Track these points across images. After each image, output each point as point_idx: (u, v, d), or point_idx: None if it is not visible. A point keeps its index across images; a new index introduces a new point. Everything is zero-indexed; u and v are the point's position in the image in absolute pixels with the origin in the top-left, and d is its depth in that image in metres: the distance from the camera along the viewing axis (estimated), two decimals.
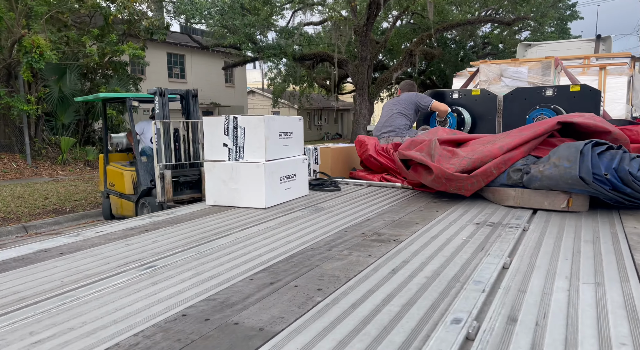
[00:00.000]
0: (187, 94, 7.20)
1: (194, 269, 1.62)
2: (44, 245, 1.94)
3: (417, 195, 2.70)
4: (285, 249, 1.88)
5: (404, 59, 20.19)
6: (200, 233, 2.10)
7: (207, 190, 2.61)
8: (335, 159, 3.65)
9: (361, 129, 19.95)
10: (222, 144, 2.57)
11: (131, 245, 1.97)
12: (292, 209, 2.48)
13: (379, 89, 20.52)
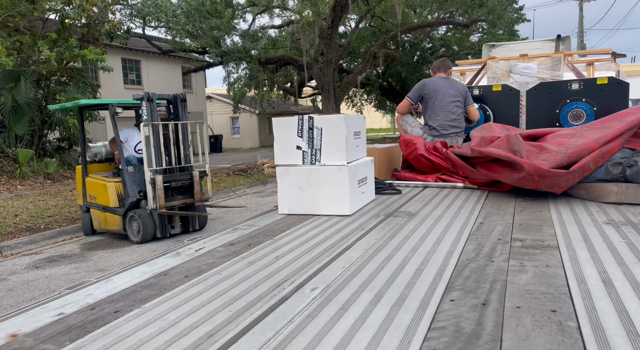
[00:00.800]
0: (175, 98, 6.87)
1: (373, 290, 1.35)
2: (154, 269, 1.69)
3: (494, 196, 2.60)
4: (438, 260, 1.62)
5: (368, 61, 20.39)
6: (321, 245, 1.85)
7: (280, 197, 2.41)
8: (380, 160, 3.53)
9: None
10: (295, 147, 2.38)
11: (255, 263, 1.73)
12: (379, 215, 2.30)
13: (345, 92, 20.58)
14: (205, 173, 7.02)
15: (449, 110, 3.86)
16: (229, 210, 8.87)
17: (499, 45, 15.34)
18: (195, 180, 6.84)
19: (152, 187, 6.32)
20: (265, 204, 9.43)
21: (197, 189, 6.86)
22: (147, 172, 6.28)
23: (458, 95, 3.85)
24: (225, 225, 7.71)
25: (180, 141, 6.77)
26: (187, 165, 6.86)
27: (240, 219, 8.42)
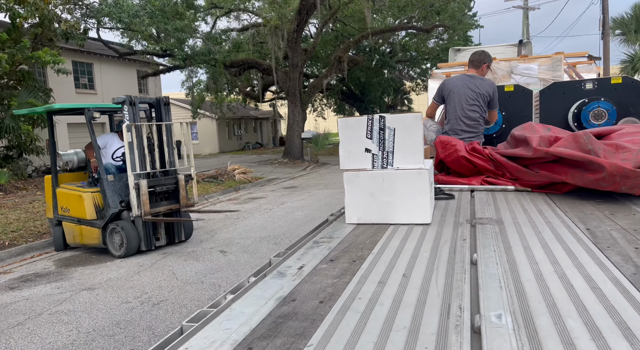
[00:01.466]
0: (158, 102, 6.47)
1: (572, 315, 1.12)
2: (271, 293, 1.41)
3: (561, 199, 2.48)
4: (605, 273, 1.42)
5: (333, 65, 20.39)
6: (439, 259, 1.60)
7: (348, 205, 2.20)
8: None
9: (295, 137, 19.73)
10: (364, 150, 2.19)
11: (386, 284, 1.44)
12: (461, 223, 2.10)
13: (310, 96, 20.46)
14: (191, 177, 6.66)
15: (464, 114, 3.70)
16: (209, 218, 8.48)
17: (464, 50, 15.70)
18: (180, 185, 6.47)
19: (136, 192, 5.91)
20: (247, 211, 9.11)
21: (183, 194, 6.49)
22: (130, 177, 5.87)
23: (477, 98, 3.69)
24: (209, 235, 7.39)
25: (164, 144, 6.39)
26: (171, 169, 6.49)
27: (221, 226, 8.14)
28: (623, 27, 19.12)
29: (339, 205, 8.96)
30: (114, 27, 16.01)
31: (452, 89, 3.79)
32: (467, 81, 3.79)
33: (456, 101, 3.74)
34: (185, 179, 6.55)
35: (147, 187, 5.99)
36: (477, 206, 2.41)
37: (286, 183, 13.85)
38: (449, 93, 3.80)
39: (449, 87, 3.80)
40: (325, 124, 47.00)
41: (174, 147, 6.53)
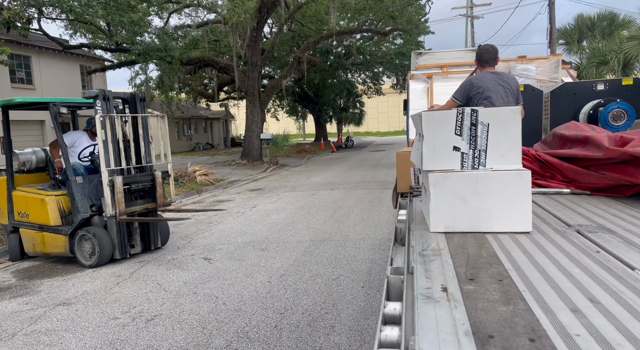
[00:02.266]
0: (134, 97, 5.96)
1: None
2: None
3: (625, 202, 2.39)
4: None
5: (292, 65, 20.13)
6: (590, 278, 1.40)
7: (434, 211, 1.96)
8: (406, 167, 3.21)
9: (254, 138, 19.26)
10: (452, 148, 1.97)
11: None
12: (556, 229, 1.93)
13: (269, 96, 20.06)
14: (168, 174, 6.18)
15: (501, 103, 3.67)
16: (182, 221, 7.96)
17: (426, 53, 15.98)
18: (157, 182, 5.98)
19: (110, 190, 5.37)
20: (219, 215, 8.65)
21: (160, 192, 6.00)
22: (104, 173, 5.33)
23: (509, 94, 3.64)
24: (185, 241, 6.89)
25: (140, 138, 5.87)
26: (147, 166, 5.99)
27: (195, 231, 7.64)
28: (567, 37, 20.27)
29: (315, 208, 8.68)
30: (58, 17, 14.82)
31: (485, 88, 3.67)
32: (497, 79, 3.70)
33: (494, 100, 3.64)
34: (162, 176, 6.06)
35: (122, 184, 5.46)
36: (552, 210, 2.27)
37: (250, 185, 13.42)
38: (481, 92, 3.68)
39: (480, 85, 3.69)
40: (278, 125, 46.54)
41: (150, 141, 6.04)
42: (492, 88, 3.66)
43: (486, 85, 3.67)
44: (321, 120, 36.03)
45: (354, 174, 14.70)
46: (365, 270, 4.84)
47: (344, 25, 24.41)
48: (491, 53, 3.95)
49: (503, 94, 3.65)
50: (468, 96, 3.74)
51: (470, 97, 3.74)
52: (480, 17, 38.74)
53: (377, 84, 34.62)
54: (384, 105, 58.58)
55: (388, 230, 6.66)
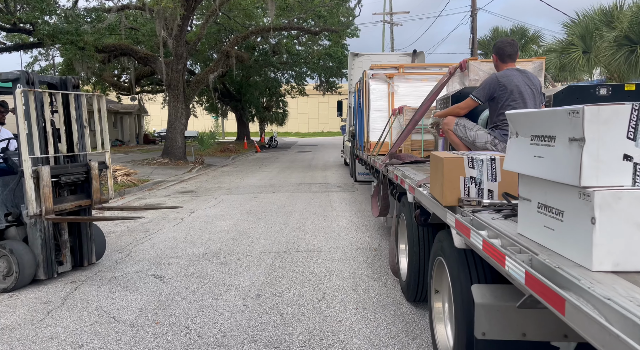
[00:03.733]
0: (64, 83, 4.92)
1: None
2: None
3: None
4: None
5: (220, 60, 19.09)
6: None
7: (600, 243, 1.49)
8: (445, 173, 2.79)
9: (178, 135, 17.96)
10: (622, 157, 1.53)
11: None
12: None
13: (194, 91, 18.83)
14: (106, 165, 5.22)
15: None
16: (108, 230, 6.89)
17: (362, 55, 15.90)
18: (93, 175, 5.01)
19: (34, 183, 4.34)
20: (152, 221, 7.66)
21: (96, 186, 5.04)
22: (27, 162, 4.30)
23: (536, 95, 3.42)
24: (123, 254, 5.87)
25: (73, 122, 4.88)
26: (81, 154, 5.01)
27: (131, 241, 6.60)
28: (484, 47, 21.48)
29: (264, 214, 8.04)
30: None
31: (514, 86, 3.37)
32: (522, 77, 3.43)
33: (526, 100, 3.35)
34: (99, 168, 5.10)
35: (50, 176, 4.45)
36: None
37: (178, 187, 12.33)
38: (509, 91, 3.37)
39: (507, 83, 3.38)
40: (194, 122, 44.38)
41: (85, 125, 5.05)
42: (522, 88, 3.39)
43: (515, 84, 3.39)
44: (244, 119, 34.97)
45: (291, 175, 14.17)
46: (350, 287, 4.36)
47: (268, 22, 23.73)
48: (514, 47, 3.67)
49: (531, 94, 3.40)
50: (492, 95, 3.43)
51: (494, 97, 3.42)
52: (399, 24, 40.22)
53: (301, 84, 34.33)
54: (304, 106, 58.63)
55: (352, 238, 6.25)
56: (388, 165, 4.98)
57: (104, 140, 5.24)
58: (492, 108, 3.50)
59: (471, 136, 3.47)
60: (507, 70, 3.47)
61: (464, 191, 2.47)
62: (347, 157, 15.36)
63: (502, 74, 3.45)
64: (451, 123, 3.62)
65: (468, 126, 3.53)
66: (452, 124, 3.59)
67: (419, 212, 3.49)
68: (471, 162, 2.44)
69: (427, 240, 3.57)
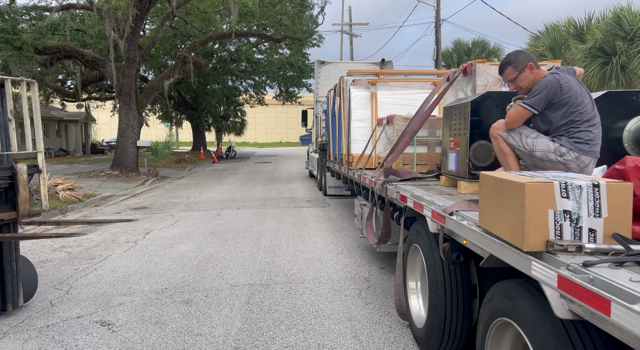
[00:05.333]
0: None
1: None
2: None
3: None
4: None
5: (176, 65, 17.94)
6: None
7: None
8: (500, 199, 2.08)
9: (129, 145, 16.62)
10: None
11: None
12: None
13: (148, 98, 17.55)
14: (38, 169, 4.20)
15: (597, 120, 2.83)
16: (43, 258, 5.77)
17: (328, 63, 15.31)
18: (20, 180, 3.98)
19: None
20: (99, 245, 6.57)
21: (25, 196, 4.00)
22: None
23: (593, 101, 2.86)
24: (61, 291, 4.76)
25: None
26: (4, 155, 3.98)
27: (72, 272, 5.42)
28: (447, 59, 21.50)
29: (231, 235, 7.12)
30: None
31: (577, 92, 2.75)
32: (577, 81, 2.83)
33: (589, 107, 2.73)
34: (29, 172, 4.08)
35: None
36: None
37: (130, 202, 11.13)
38: (573, 97, 2.73)
39: (570, 87, 2.75)
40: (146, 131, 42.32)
41: (9, 118, 4.04)
42: (582, 92, 2.80)
43: (578, 89, 2.78)
44: (200, 128, 33.58)
45: (254, 189, 13.25)
46: (349, 334, 3.57)
47: (227, 28, 22.76)
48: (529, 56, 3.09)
49: (592, 100, 2.79)
50: (551, 102, 2.78)
51: (554, 103, 2.78)
52: (359, 35, 40.29)
53: (260, 94, 33.39)
54: (262, 116, 57.64)
55: (336, 264, 5.47)
56: (386, 183, 4.25)
57: (36, 138, 4.24)
58: (550, 116, 2.84)
59: (528, 145, 2.82)
60: (563, 73, 2.84)
61: (555, 231, 1.75)
62: (313, 169, 14.63)
63: (562, 77, 2.81)
64: (501, 128, 2.97)
65: (524, 132, 2.87)
66: (503, 129, 2.95)
67: (449, 247, 2.77)
68: (565, 189, 1.73)
69: (461, 283, 2.86)
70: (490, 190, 2.11)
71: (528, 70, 2.99)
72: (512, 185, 1.87)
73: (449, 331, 2.89)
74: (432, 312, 2.98)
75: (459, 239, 2.63)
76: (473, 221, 2.40)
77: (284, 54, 28.27)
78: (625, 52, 10.61)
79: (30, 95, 4.23)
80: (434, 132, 5.37)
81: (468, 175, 3.46)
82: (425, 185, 4.11)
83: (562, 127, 2.78)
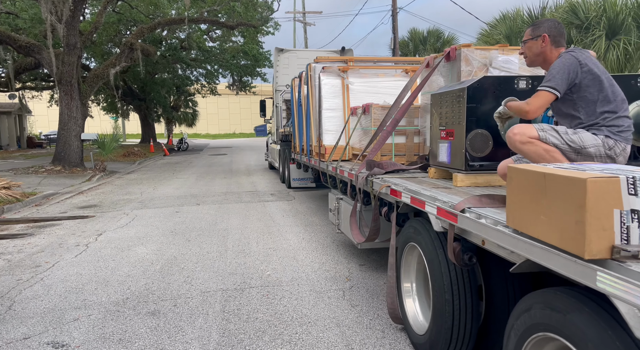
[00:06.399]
0: None
1: None
2: None
3: None
4: None
5: (123, 52, 16.84)
6: None
7: None
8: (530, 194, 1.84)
9: (72, 138, 15.47)
10: None
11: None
12: None
13: (92, 87, 16.37)
14: None
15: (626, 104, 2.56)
16: None
17: (287, 51, 14.87)
18: None
19: None
20: (44, 250, 5.91)
21: None
22: None
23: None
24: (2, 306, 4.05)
25: None
26: None
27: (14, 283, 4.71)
28: (404, 48, 21.53)
29: (194, 234, 6.70)
30: None
31: (598, 70, 2.50)
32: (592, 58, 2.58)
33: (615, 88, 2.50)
34: None
35: None
36: None
37: (76, 200, 10.28)
38: (597, 76, 2.48)
39: (592, 66, 2.49)
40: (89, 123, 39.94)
41: None
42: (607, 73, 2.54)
43: (600, 69, 2.52)
44: (149, 119, 32.10)
45: (212, 182, 12.65)
46: (340, 342, 3.27)
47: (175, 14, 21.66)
48: (561, 28, 2.80)
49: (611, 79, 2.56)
50: (572, 81, 2.49)
51: (576, 84, 2.50)
52: (312, 24, 39.79)
53: (212, 83, 32.27)
54: (214, 106, 56.06)
55: (313, 262, 5.16)
56: (371, 176, 3.96)
57: None
58: (578, 103, 2.53)
59: (577, 141, 2.44)
60: (572, 52, 2.57)
61: (622, 234, 1.50)
62: (274, 160, 14.19)
63: (581, 55, 2.54)
64: (529, 131, 2.53)
65: (560, 129, 2.50)
66: (533, 131, 2.51)
67: (459, 248, 2.50)
68: (633, 185, 1.48)
69: (469, 285, 2.61)
70: (524, 186, 1.85)
71: (540, 40, 2.72)
72: (564, 181, 1.60)
73: (456, 338, 2.65)
74: (438, 318, 2.72)
75: (473, 239, 2.37)
76: (495, 220, 2.14)
77: (237, 42, 27.39)
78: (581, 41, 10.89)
79: None
80: (412, 121, 5.13)
81: (465, 167, 3.22)
82: (413, 177, 3.85)
83: (597, 115, 2.50)
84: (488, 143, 3.21)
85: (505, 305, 2.56)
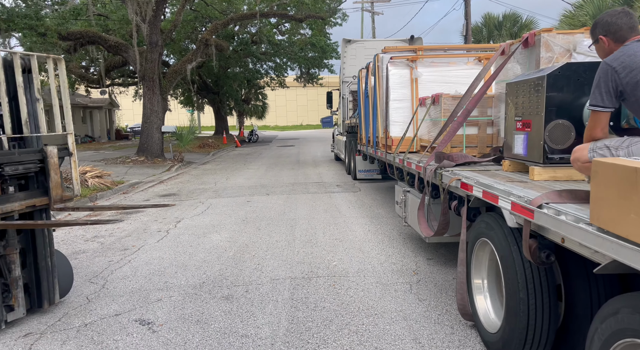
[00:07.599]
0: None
1: None
2: None
3: None
4: None
5: (199, 48, 17.63)
6: None
7: None
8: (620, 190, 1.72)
9: (154, 130, 16.50)
10: None
11: None
12: None
13: (171, 82, 17.34)
14: (69, 151, 3.97)
15: None
16: (76, 249, 5.60)
17: (355, 42, 14.73)
18: (51, 164, 3.76)
19: None
20: (131, 235, 6.40)
21: (56, 180, 3.78)
22: None
23: None
24: (96, 285, 4.55)
25: (20, 94, 3.61)
26: (32, 137, 3.76)
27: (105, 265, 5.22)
28: (477, 34, 20.62)
29: (263, 223, 6.80)
30: None
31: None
32: None
33: None
34: (60, 155, 3.85)
35: None
36: None
37: (158, 189, 11.00)
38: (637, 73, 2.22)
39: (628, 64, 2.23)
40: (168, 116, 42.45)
41: (37, 97, 3.81)
42: None
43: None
44: (222, 113, 33.42)
45: (280, 173, 12.98)
46: (407, 336, 3.26)
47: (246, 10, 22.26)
48: (630, 16, 2.52)
49: None
50: (616, 90, 2.26)
51: (621, 91, 2.27)
52: (380, 13, 39.16)
53: (281, 76, 32.89)
54: (282, 98, 57.18)
55: (379, 254, 5.15)
56: (440, 168, 3.88)
57: (66, 119, 4.00)
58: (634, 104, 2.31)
59: (624, 156, 2.28)
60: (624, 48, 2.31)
61: None
62: (340, 152, 14.25)
63: (614, 56, 2.28)
64: (582, 156, 2.36)
65: (612, 144, 2.32)
66: (584, 155, 2.34)
67: (536, 245, 2.40)
68: None
69: (546, 284, 2.50)
70: (611, 181, 1.73)
71: (601, 43, 2.49)
72: None
73: (532, 338, 2.55)
74: (511, 316, 2.63)
75: (552, 236, 2.26)
76: (576, 217, 2.02)
77: (305, 34, 27.66)
78: None
79: (58, 73, 3.96)
80: (484, 112, 4.93)
81: (543, 160, 3.06)
82: (485, 170, 3.72)
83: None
84: (570, 134, 3.02)
85: (587, 307, 2.42)
